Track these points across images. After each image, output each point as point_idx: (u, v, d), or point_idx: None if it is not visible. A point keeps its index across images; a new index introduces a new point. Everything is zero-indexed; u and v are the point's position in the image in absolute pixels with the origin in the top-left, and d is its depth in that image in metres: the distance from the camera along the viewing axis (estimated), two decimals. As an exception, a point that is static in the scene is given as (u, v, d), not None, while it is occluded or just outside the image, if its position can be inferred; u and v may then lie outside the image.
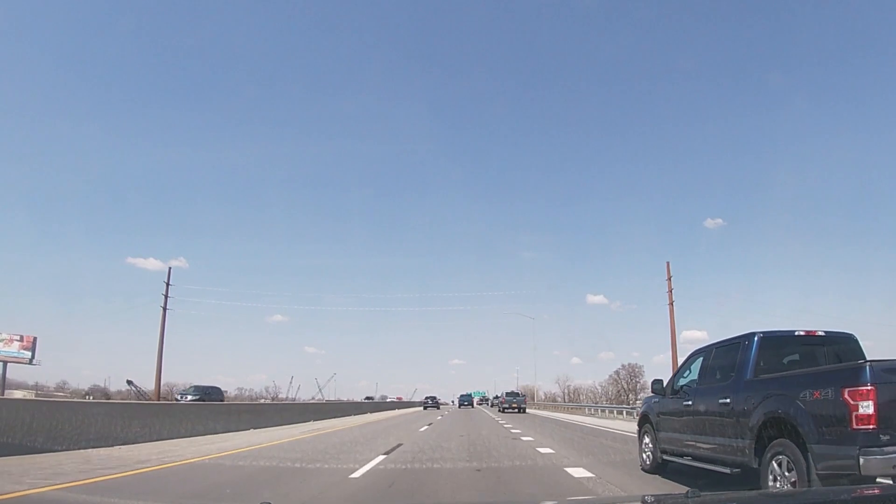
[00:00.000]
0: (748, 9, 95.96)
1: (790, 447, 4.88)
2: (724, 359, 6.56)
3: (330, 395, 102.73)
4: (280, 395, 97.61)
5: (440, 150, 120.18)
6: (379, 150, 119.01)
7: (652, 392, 8.18)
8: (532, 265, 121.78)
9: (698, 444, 6.63)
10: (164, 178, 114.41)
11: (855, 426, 4.31)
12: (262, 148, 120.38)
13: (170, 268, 46.35)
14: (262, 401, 72.36)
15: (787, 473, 4.91)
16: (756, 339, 6.05)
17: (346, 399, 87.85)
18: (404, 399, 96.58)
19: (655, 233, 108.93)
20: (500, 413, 40.41)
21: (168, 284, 43.65)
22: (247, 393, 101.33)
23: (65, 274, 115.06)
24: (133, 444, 11.51)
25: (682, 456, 7.11)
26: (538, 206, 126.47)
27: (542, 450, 11.63)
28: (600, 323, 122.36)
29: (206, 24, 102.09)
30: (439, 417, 31.85)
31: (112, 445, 10.92)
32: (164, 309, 42.74)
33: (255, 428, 18.00)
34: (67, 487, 6.43)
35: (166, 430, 13.35)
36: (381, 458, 9.97)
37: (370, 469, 8.51)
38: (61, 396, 53.95)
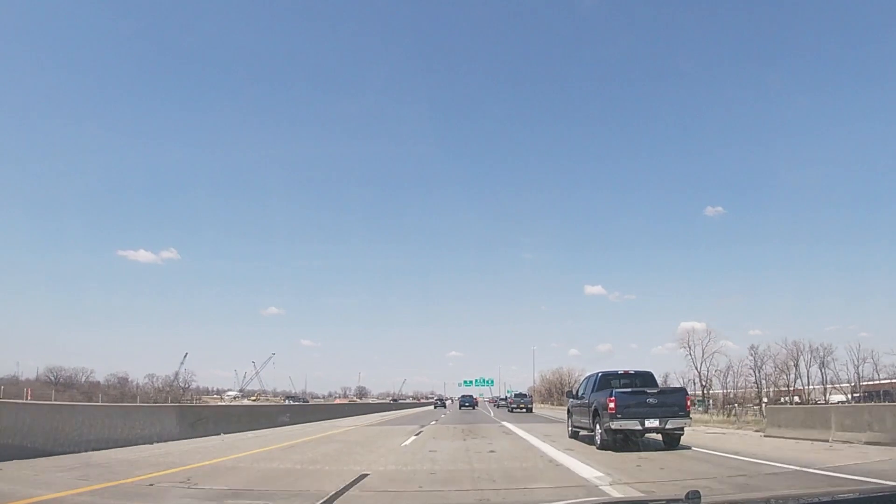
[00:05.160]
0: (748, 2, 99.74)
1: (598, 419, 12.42)
2: (590, 382, 14.09)
3: (300, 385, 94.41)
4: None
5: (440, 147, 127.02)
6: (379, 148, 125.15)
7: (566, 396, 15.81)
8: (531, 260, 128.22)
9: (580, 422, 14.20)
10: (166, 176, 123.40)
11: (609, 411, 11.83)
12: (263, 146, 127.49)
13: None
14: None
15: (600, 431, 12.41)
16: (599, 374, 13.65)
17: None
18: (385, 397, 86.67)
19: (654, 222, 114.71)
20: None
21: None
22: (158, 382, 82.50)
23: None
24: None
25: (580, 429, 14.66)
26: (537, 203, 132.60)
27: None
28: (599, 314, 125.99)
29: (209, 23, 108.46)
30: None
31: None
32: None
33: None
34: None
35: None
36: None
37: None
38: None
